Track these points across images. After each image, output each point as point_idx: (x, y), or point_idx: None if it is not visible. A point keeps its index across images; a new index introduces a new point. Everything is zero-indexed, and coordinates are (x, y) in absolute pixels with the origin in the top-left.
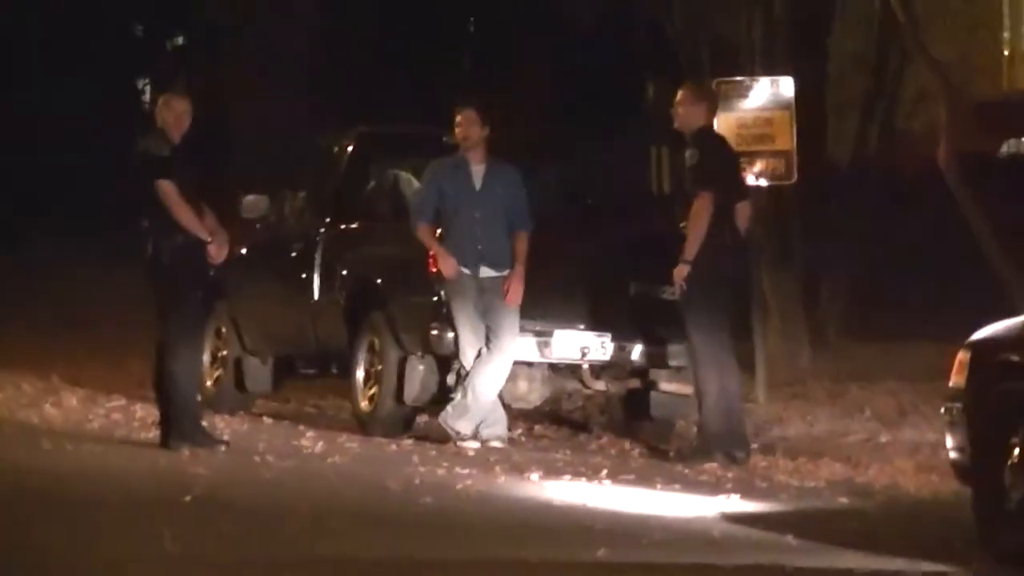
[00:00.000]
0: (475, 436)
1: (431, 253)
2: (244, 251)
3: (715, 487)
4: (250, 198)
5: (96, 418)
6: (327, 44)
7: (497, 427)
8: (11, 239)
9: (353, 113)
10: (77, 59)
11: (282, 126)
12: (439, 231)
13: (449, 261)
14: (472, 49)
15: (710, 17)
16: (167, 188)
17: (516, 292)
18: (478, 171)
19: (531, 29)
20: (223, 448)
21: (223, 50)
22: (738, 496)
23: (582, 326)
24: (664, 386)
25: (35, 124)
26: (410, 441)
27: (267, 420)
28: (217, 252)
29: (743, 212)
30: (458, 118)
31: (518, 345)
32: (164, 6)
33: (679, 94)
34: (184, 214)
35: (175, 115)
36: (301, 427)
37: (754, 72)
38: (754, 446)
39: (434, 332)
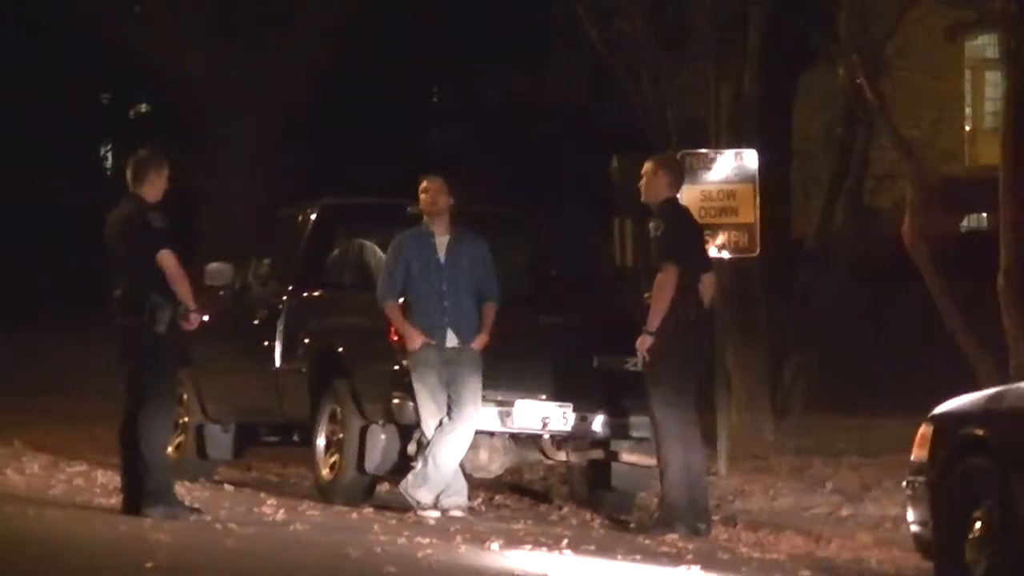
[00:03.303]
0: (436, 505)
1: (394, 327)
2: (207, 318)
3: (676, 558)
4: (214, 265)
5: (58, 483)
6: (291, 115)
7: (458, 496)
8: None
9: (315, 184)
10: (44, 125)
11: (244, 195)
12: (402, 300)
13: (414, 337)
14: (438, 122)
15: (679, 92)
16: (171, 259)
17: (478, 346)
18: (442, 242)
19: (498, 103)
20: (195, 516)
21: (186, 118)
22: (699, 568)
23: (544, 396)
24: (626, 457)
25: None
26: (371, 510)
27: (228, 488)
28: (197, 320)
29: (707, 284)
30: (424, 184)
31: (480, 415)
32: (129, 75)
33: (645, 166)
34: (185, 285)
35: (162, 182)
36: (262, 495)
37: (720, 147)
38: (716, 518)
39: (396, 401)
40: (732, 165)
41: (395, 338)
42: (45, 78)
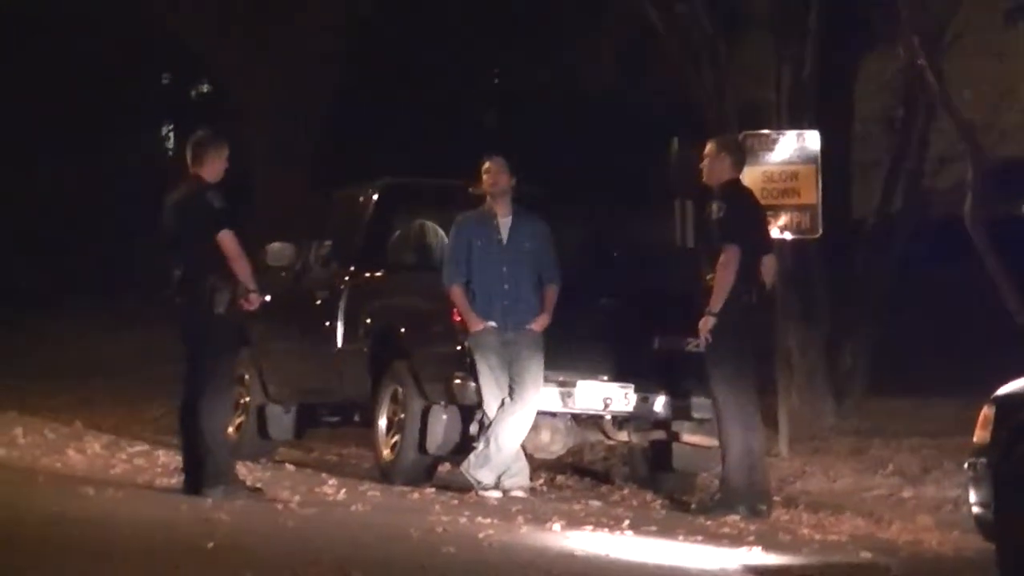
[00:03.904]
0: (497, 486)
1: (456, 308)
2: (268, 299)
3: (737, 540)
4: (276, 246)
5: (119, 463)
6: (347, 94)
7: (519, 477)
8: (35, 292)
9: (370, 165)
10: (104, 109)
11: (278, 179)
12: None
13: (476, 320)
14: (495, 104)
15: (739, 73)
16: (230, 239)
17: (539, 327)
18: (504, 223)
19: (553, 84)
20: (257, 496)
21: (242, 98)
22: (760, 549)
23: (605, 377)
24: (687, 438)
25: (59, 178)
26: (432, 490)
27: (289, 467)
28: (257, 300)
29: (769, 265)
30: (486, 165)
31: (541, 395)
32: (189, 55)
33: (707, 147)
34: (245, 265)
35: (221, 163)
36: (323, 475)
37: (780, 129)
38: (776, 499)
39: (457, 381)
40: (794, 146)
41: (457, 318)
42: (106, 60)
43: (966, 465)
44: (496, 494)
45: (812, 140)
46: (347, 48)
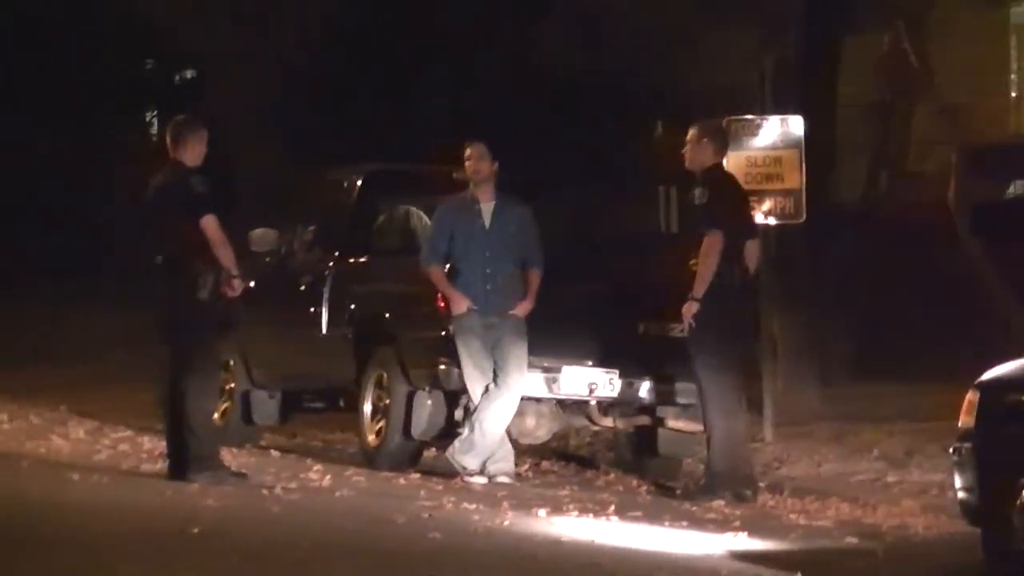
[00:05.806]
0: (482, 471)
1: (439, 291)
2: (252, 284)
3: (723, 525)
4: (259, 231)
5: (103, 449)
6: (314, 80)
7: (504, 463)
8: (19, 275)
9: (342, 149)
10: (85, 93)
11: (271, 160)
12: (447, 267)
13: (459, 300)
14: (477, 87)
15: (723, 59)
16: (214, 224)
17: (522, 312)
18: (487, 208)
19: (541, 67)
20: (242, 481)
21: (213, 82)
22: (746, 534)
23: (590, 362)
24: (672, 423)
25: (40, 160)
26: (417, 476)
27: (274, 453)
28: (240, 286)
29: (752, 251)
30: (468, 151)
31: (526, 381)
32: (173, 41)
33: (689, 133)
34: (227, 250)
35: (201, 147)
36: (308, 460)
37: (764, 114)
38: (762, 485)
39: (442, 367)
40: (777, 131)
41: (441, 304)
42: (88, 43)
43: (951, 450)
44: (481, 480)
45: (796, 125)
46: (321, 35)
